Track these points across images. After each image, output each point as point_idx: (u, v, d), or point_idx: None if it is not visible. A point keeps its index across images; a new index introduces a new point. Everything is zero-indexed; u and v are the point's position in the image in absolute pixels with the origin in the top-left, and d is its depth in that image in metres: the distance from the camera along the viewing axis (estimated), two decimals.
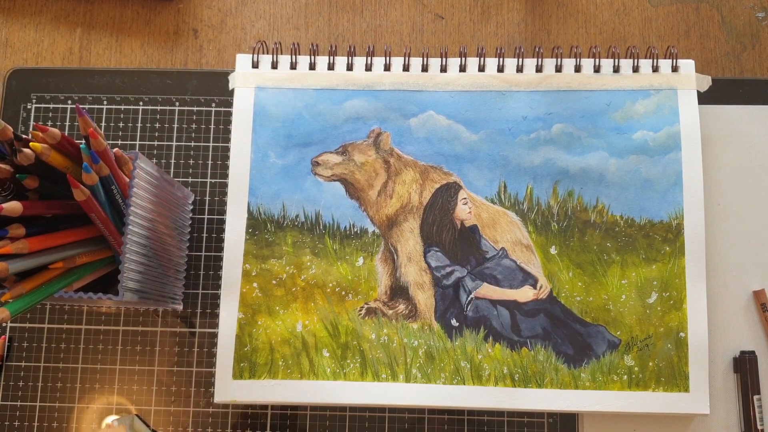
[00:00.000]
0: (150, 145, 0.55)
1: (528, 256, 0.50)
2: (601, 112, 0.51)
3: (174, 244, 0.50)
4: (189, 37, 0.59)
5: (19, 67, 0.57)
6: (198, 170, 0.55)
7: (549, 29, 0.59)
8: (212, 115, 0.56)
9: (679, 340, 0.48)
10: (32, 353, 0.52)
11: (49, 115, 0.56)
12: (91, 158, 0.39)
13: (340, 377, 0.48)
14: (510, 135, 0.51)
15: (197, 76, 0.56)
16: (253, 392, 0.48)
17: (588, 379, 0.48)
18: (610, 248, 0.49)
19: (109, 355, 0.52)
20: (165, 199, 0.48)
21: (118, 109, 0.56)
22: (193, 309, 0.53)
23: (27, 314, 0.52)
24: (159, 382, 0.52)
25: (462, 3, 0.59)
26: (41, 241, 0.39)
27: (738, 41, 0.58)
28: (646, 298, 0.49)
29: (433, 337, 0.48)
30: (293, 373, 0.49)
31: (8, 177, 0.39)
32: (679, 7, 0.59)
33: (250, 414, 0.51)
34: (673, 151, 0.50)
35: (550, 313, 0.49)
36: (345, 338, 0.49)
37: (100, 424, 0.51)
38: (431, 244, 0.50)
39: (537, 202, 0.50)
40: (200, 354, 0.52)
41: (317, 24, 0.59)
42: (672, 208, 0.50)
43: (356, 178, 0.51)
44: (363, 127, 0.51)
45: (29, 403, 0.51)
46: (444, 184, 0.51)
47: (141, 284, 0.44)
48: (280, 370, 0.49)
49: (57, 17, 0.59)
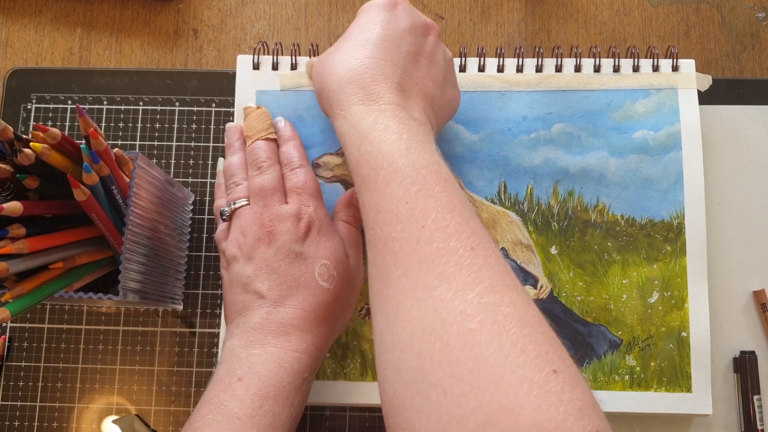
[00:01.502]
0: (150, 145, 0.55)
1: (528, 256, 0.50)
2: (601, 111, 0.51)
3: (174, 244, 0.50)
4: (189, 37, 0.59)
5: (19, 67, 0.57)
6: (198, 170, 0.55)
7: (549, 29, 0.59)
8: (212, 115, 0.56)
9: (681, 340, 0.48)
10: (32, 353, 0.52)
11: (49, 115, 0.56)
12: (91, 158, 0.39)
13: (340, 377, 0.48)
14: (510, 135, 0.51)
15: (197, 76, 0.56)
16: None
17: (589, 379, 0.48)
18: (610, 248, 0.49)
19: (109, 355, 0.52)
20: (165, 200, 0.48)
21: (118, 109, 0.56)
22: (193, 309, 0.53)
23: (27, 314, 0.52)
24: (159, 382, 0.52)
25: (462, 3, 0.59)
26: (41, 241, 0.39)
27: (738, 41, 0.58)
28: (647, 298, 0.49)
29: None
30: None
31: (8, 177, 0.39)
32: (679, 7, 0.59)
33: None
34: (674, 151, 0.50)
35: (550, 312, 0.49)
36: (345, 338, 0.49)
37: (100, 424, 0.51)
38: None
39: (537, 201, 0.50)
40: (200, 354, 0.52)
41: (317, 24, 0.59)
42: (673, 208, 0.50)
43: None
44: None
45: (29, 403, 0.51)
46: None
47: (141, 284, 0.44)
48: None
49: (57, 17, 0.59)
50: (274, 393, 0.38)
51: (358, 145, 0.38)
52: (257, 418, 0.37)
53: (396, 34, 0.42)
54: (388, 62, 0.41)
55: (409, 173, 0.35)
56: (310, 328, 0.41)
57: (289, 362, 0.40)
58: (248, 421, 0.37)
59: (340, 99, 0.40)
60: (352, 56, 0.41)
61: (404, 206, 0.34)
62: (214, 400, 0.38)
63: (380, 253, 0.35)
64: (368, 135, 0.38)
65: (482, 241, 0.33)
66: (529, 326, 0.30)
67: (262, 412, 0.38)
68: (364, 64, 0.41)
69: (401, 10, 0.43)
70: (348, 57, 0.41)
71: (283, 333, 0.40)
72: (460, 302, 0.30)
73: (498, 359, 0.28)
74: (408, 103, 0.40)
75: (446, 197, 0.35)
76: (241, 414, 0.37)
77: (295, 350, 0.40)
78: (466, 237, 0.33)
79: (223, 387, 0.39)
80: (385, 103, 0.39)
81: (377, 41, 0.41)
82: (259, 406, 0.38)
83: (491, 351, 0.29)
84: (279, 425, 0.38)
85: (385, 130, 0.37)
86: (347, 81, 0.40)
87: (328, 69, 0.42)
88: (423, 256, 0.33)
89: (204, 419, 0.38)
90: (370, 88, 0.40)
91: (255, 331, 0.41)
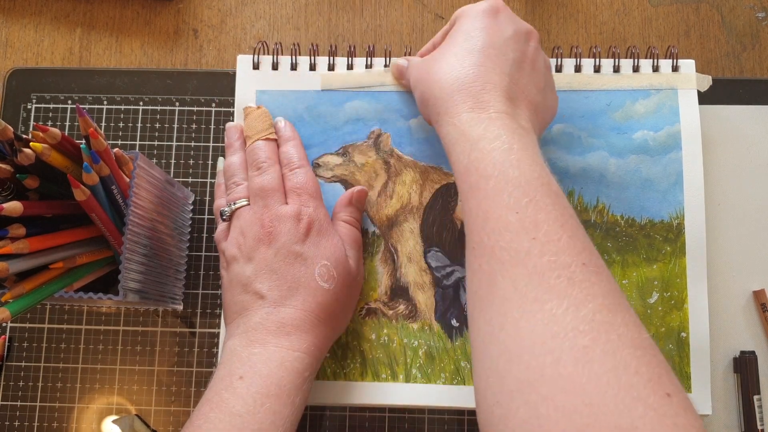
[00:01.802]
0: (150, 145, 0.55)
1: None
2: (601, 112, 0.51)
3: (174, 244, 0.50)
4: (189, 37, 0.59)
5: (19, 67, 0.57)
6: (198, 170, 0.55)
7: (549, 29, 0.59)
8: (212, 115, 0.56)
9: (681, 340, 0.48)
10: (32, 353, 0.52)
11: (49, 115, 0.56)
12: (91, 158, 0.39)
13: (340, 377, 0.48)
14: None
15: (197, 76, 0.56)
16: None
17: None
18: (610, 248, 0.49)
19: (109, 355, 0.52)
20: (165, 199, 0.48)
21: (118, 109, 0.56)
22: (193, 309, 0.53)
23: (27, 314, 0.52)
24: (159, 382, 0.52)
25: (462, 3, 0.59)
26: (41, 241, 0.39)
27: (738, 41, 0.58)
28: (647, 298, 0.49)
29: (434, 337, 0.48)
30: None
31: (8, 177, 0.39)
32: (679, 7, 0.59)
33: None
34: (674, 151, 0.50)
35: None
36: (345, 338, 0.49)
37: (100, 424, 0.51)
38: (431, 244, 0.50)
39: None
40: (200, 354, 0.52)
41: (317, 24, 0.59)
42: (673, 208, 0.50)
43: (357, 179, 0.51)
44: (363, 128, 0.51)
45: (29, 403, 0.51)
46: (444, 185, 0.51)
47: (141, 284, 0.44)
48: None
49: (57, 17, 0.59)
50: (276, 391, 0.38)
51: (468, 152, 0.38)
52: (259, 415, 0.37)
53: (501, 42, 0.42)
54: (496, 70, 0.41)
55: (520, 184, 0.36)
56: (311, 328, 0.41)
57: (291, 361, 0.40)
58: (250, 419, 0.37)
59: (449, 107, 0.41)
60: (460, 64, 0.42)
61: (514, 216, 0.35)
62: (216, 398, 0.38)
63: (487, 262, 0.35)
64: (478, 143, 0.38)
65: (593, 257, 0.34)
66: (642, 348, 0.30)
67: (264, 410, 0.38)
68: (473, 72, 0.41)
69: (504, 16, 0.44)
70: (455, 65, 0.42)
71: (284, 333, 0.40)
72: (572, 318, 0.31)
73: (612, 378, 0.28)
74: (516, 111, 0.40)
75: (557, 211, 0.35)
76: (243, 412, 0.37)
77: (296, 350, 0.40)
78: (577, 252, 0.33)
79: (224, 385, 0.39)
80: (495, 112, 0.39)
81: (483, 49, 0.42)
82: (261, 404, 0.38)
83: (605, 370, 0.29)
84: (280, 423, 0.38)
85: (495, 139, 0.38)
86: (456, 89, 0.41)
87: (435, 76, 0.43)
88: (533, 269, 0.33)
89: (206, 417, 0.38)
90: (480, 96, 0.40)
91: (256, 330, 0.41)
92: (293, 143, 0.48)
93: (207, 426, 0.37)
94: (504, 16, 0.44)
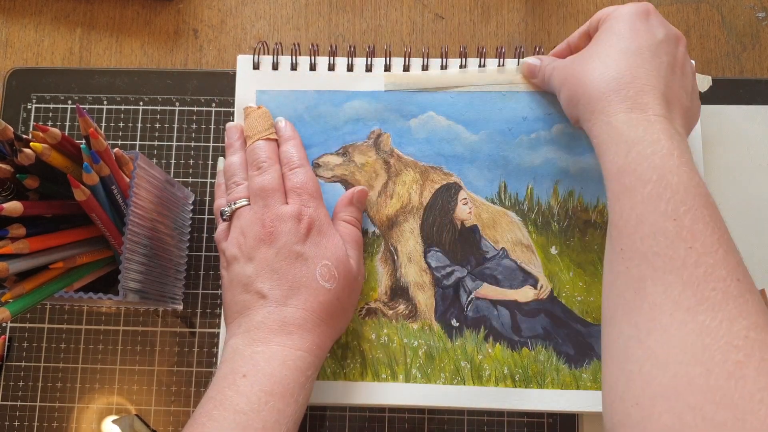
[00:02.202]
0: (150, 145, 0.55)
1: (528, 256, 0.50)
2: None
3: (174, 244, 0.50)
4: (189, 37, 0.59)
5: (19, 67, 0.57)
6: (198, 170, 0.55)
7: (549, 29, 0.59)
8: (212, 115, 0.56)
9: None
10: (32, 353, 0.52)
11: (49, 115, 0.56)
12: (91, 158, 0.39)
13: (340, 377, 0.48)
14: (510, 135, 0.51)
15: (197, 76, 0.56)
16: None
17: (589, 379, 0.48)
18: None
19: (109, 355, 0.52)
20: (165, 199, 0.48)
21: (118, 109, 0.56)
22: (193, 309, 0.53)
23: (27, 314, 0.52)
24: (159, 382, 0.52)
25: (462, 3, 0.59)
26: (41, 241, 0.39)
27: (738, 41, 0.58)
28: None
29: (433, 337, 0.48)
30: None
31: (8, 177, 0.39)
32: (679, 7, 0.59)
33: None
34: None
35: (550, 313, 0.49)
36: (345, 338, 0.49)
37: (100, 424, 0.51)
38: (431, 244, 0.50)
39: (537, 202, 0.50)
40: (200, 354, 0.52)
41: (317, 24, 0.59)
42: None
43: (357, 179, 0.51)
44: (363, 128, 0.51)
45: (29, 403, 0.51)
46: (444, 185, 0.51)
47: (141, 284, 0.44)
48: None
49: (57, 17, 0.59)
50: (279, 390, 0.38)
51: (625, 153, 0.38)
52: (263, 413, 0.37)
53: (654, 45, 0.42)
54: (653, 73, 0.41)
55: (679, 191, 0.35)
56: (313, 327, 0.41)
57: (293, 360, 0.40)
58: (254, 416, 0.37)
59: (603, 106, 0.41)
60: (616, 65, 0.41)
61: (671, 224, 0.35)
62: (219, 396, 0.38)
63: (637, 266, 0.35)
64: (637, 145, 0.38)
65: (746, 274, 0.34)
66: None
67: (268, 408, 0.38)
68: (631, 73, 0.41)
69: (655, 19, 0.44)
70: (611, 65, 0.42)
71: (286, 332, 0.40)
72: (726, 332, 0.31)
73: (766, 397, 0.29)
74: (672, 115, 0.40)
75: (714, 224, 0.35)
76: (247, 409, 0.37)
77: (299, 348, 0.40)
78: (732, 267, 0.33)
79: (227, 383, 0.39)
80: (654, 115, 0.39)
81: (639, 51, 0.42)
82: (265, 401, 0.38)
83: (758, 388, 0.29)
84: (284, 422, 0.38)
85: (655, 143, 0.37)
86: (613, 89, 0.40)
87: (589, 75, 0.42)
88: (687, 278, 0.33)
89: (209, 415, 0.38)
90: (639, 98, 0.40)
91: (258, 329, 0.41)
92: (293, 143, 0.48)
93: (211, 424, 0.37)
94: (655, 18, 0.44)
